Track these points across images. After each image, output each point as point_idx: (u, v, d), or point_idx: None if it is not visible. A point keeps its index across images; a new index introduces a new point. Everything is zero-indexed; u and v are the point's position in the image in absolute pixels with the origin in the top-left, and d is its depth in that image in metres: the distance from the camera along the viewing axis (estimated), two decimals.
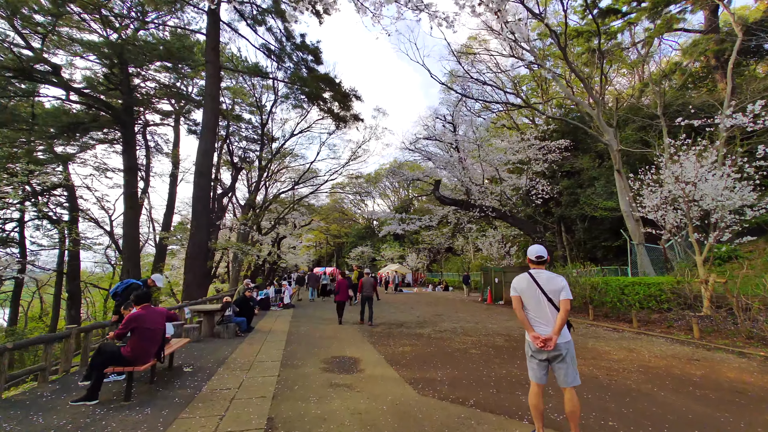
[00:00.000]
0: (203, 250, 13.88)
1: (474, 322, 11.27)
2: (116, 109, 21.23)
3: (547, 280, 3.17)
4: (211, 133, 14.15)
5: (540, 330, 3.14)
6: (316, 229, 49.19)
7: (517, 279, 3.32)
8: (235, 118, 25.94)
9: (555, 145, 16.65)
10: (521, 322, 3.25)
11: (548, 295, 3.12)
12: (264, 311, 14.49)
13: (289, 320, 11.91)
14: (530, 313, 3.21)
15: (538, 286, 3.17)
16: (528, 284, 3.22)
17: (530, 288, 3.20)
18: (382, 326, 10.70)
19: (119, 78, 21.53)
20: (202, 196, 13.69)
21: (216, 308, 8.75)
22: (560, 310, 3.09)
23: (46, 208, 26.65)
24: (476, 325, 10.78)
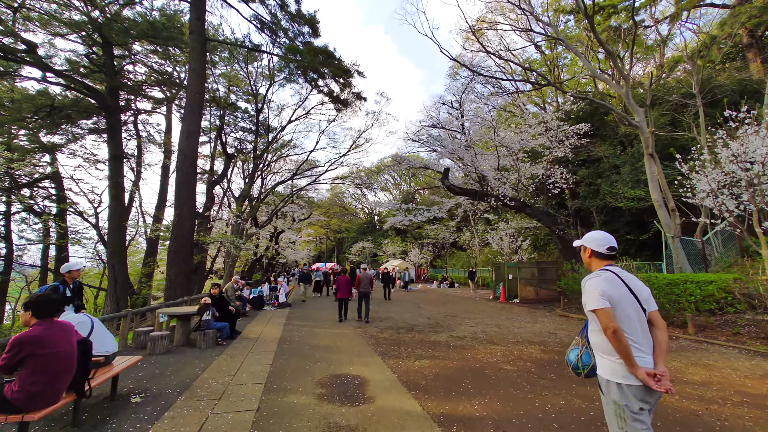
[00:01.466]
0: (188, 243, 12.31)
1: (495, 326, 9.72)
2: (99, 92, 19.56)
3: (635, 283, 2.16)
4: (196, 112, 12.53)
5: (643, 361, 2.00)
6: (315, 223, 47.63)
7: (600, 281, 2.11)
8: (230, 106, 24.29)
9: (573, 131, 15.03)
10: (622, 352, 1.98)
11: (642, 305, 2.10)
12: (257, 311, 12.95)
13: (283, 322, 10.36)
14: (629, 336, 2.02)
15: (631, 293, 2.10)
16: (622, 290, 2.10)
17: (626, 296, 2.09)
18: (389, 330, 9.16)
19: (102, 60, 19.88)
20: (185, 182, 12.10)
21: (191, 311, 7.19)
22: (657, 326, 2.11)
23: (31, 201, 25.07)
24: (499, 329, 9.23)
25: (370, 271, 12.09)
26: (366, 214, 59.51)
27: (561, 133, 14.15)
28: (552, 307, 13.78)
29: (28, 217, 26.47)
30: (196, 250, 15.17)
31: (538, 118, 13.71)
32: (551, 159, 13.51)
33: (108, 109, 19.60)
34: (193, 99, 12.51)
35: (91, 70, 20.16)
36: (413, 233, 42.89)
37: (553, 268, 15.87)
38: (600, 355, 2.12)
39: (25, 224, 27.08)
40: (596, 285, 2.07)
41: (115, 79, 20.09)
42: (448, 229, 31.21)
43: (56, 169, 25.55)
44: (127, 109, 26.30)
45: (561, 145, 13.97)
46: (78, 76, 19.65)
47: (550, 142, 13.64)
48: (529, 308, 13.68)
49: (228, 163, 18.70)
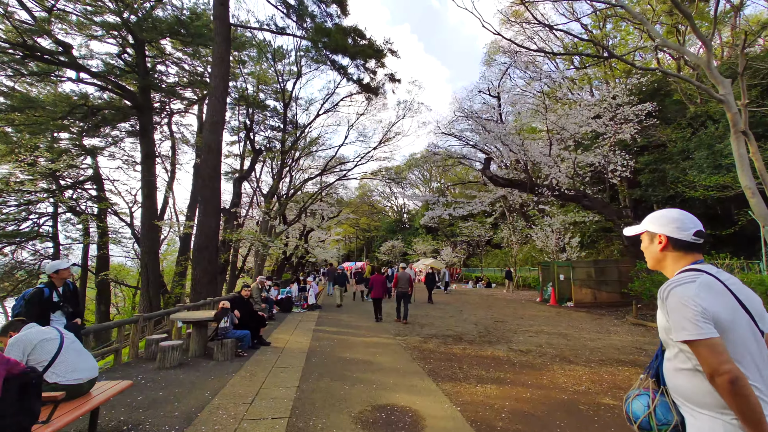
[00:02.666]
0: (213, 241, 11.50)
1: (559, 335, 8.11)
2: (131, 92, 19.45)
3: (743, 291, 1.30)
4: (220, 100, 11.71)
5: None
6: (344, 222, 46.93)
7: (696, 290, 1.24)
8: (259, 105, 23.72)
9: (635, 112, 12.95)
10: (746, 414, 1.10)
11: (758, 325, 1.25)
12: (284, 313, 11.96)
13: (312, 328, 9.23)
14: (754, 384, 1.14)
15: (742, 307, 1.25)
16: (730, 303, 1.24)
17: (738, 314, 1.24)
18: (434, 340, 7.78)
19: (135, 60, 19.83)
20: (210, 176, 11.29)
21: (206, 317, 6.15)
22: None
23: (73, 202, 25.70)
24: (567, 341, 7.62)
25: (409, 271, 11.67)
26: (395, 213, 58.23)
27: (621, 115, 12.16)
28: (617, 312, 11.87)
29: (72, 218, 27.20)
30: (223, 248, 14.50)
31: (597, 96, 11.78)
32: (614, 142, 11.55)
33: (140, 109, 19.42)
34: (217, 87, 11.68)
35: (123, 71, 20.18)
36: (445, 231, 41.14)
37: (613, 268, 13.86)
38: (696, 409, 1.26)
39: (70, 225, 27.87)
40: (689, 297, 1.23)
41: (147, 78, 19.93)
42: (484, 226, 29.28)
43: (97, 171, 26.14)
44: (161, 111, 26.53)
45: (621, 128, 12.00)
46: (112, 76, 19.65)
47: (607, 126, 11.70)
48: (589, 314, 11.84)
49: (255, 158, 18.01)
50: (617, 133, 11.40)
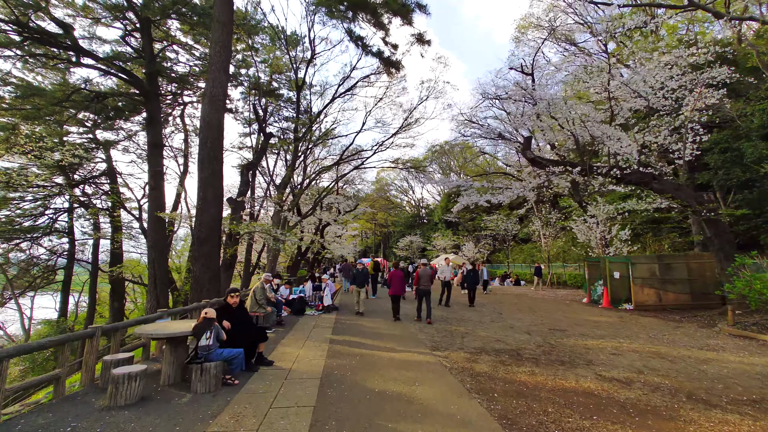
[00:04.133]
0: (214, 231, 9.88)
1: (653, 355, 6.06)
2: (138, 78, 18.11)
3: None
4: (221, 71, 10.04)
5: None
6: (362, 217, 45.28)
7: None
8: (273, 94, 22.14)
9: (710, 78, 10.51)
10: None
11: None
12: (296, 316, 10.24)
13: (328, 338, 7.44)
14: None
15: None
16: None
17: None
18: (486, 358, 5.87)
19: (141, 44, 18.51)
20: (210, 157, 9.66)
21: (182, 331, 4.42)
22: None
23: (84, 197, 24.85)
24: (670, 362, 5.58)
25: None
26: (413, 207, 56.18)
27: (700, 79, 9.79)
28: (696, 318, 9.64)
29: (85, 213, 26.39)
30: (230, 242, 12.94)
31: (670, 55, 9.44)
32: (694, 109, 9.23)
33: (147, 96, 18.05)
34: (218, 55, 10.00)
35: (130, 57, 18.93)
36: (466, 225, 38.91)
37: (682, 265, 11.56)
38: None
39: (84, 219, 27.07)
40: None
41: (154, 63, 18.54)
42: (510, 219, 26.98)
43: (110, 165, 25.19)
44: (174, 102, 25.35)
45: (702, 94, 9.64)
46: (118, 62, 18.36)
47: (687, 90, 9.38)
48: (661, 319, 9.65)
49: (266, 143, 16.39)
50: (699, 99, 9.11)
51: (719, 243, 9.27)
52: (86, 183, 25.81)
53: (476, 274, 12.47)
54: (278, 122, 25.80)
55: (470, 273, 12.15)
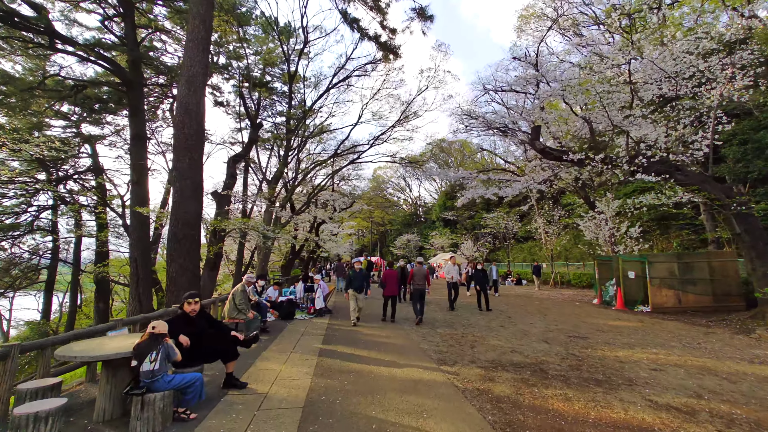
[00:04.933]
0: (193, 228, 8.82)
1: (702, 371, 5.08)
2: (119, 66, 16.91)
3: None
4: (199, 48, 8.95)
5: None
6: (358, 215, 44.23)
7: None
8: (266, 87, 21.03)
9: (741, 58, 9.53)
10: None
11: None
12: (285, 321, 9.19)
13: (317, 348, 6.42)
14: None
15: None
16: None
17: None
18: (505, 375, 4.87)
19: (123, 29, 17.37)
20: (188, 145, 8.60)
21: (120, 352, 3.38)
22: None
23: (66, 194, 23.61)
24: (729, 382, 4.60)
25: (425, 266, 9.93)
26: (410, 206, 55.21)
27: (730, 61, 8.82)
28: (724, 321, 8.71)
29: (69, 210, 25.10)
30: (214, 239, 11.86)
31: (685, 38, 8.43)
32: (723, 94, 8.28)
33: (130, 84, 16.83)
34: (196, 30, 8.91)
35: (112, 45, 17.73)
36: (465, 224, 38.02)
37: (703, 264, 10.65)
38: None
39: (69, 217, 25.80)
40: None
41: (137, 50, 17.34)
42: (510, 217, 26.07)
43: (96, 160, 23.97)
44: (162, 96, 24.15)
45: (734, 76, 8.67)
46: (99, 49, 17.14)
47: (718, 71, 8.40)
48: (686, 323, 8.72)
49: (255, 133, 15.26)
50: (730, 81, 8.16)
51: (751, 240, 8.35)
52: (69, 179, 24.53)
53: (485, 274, 11.29)
54: (272, 117, 24.75)
55: (478, 273, 11.03)
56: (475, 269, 11.12)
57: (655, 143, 8.41)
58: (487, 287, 10.74)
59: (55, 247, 24.45)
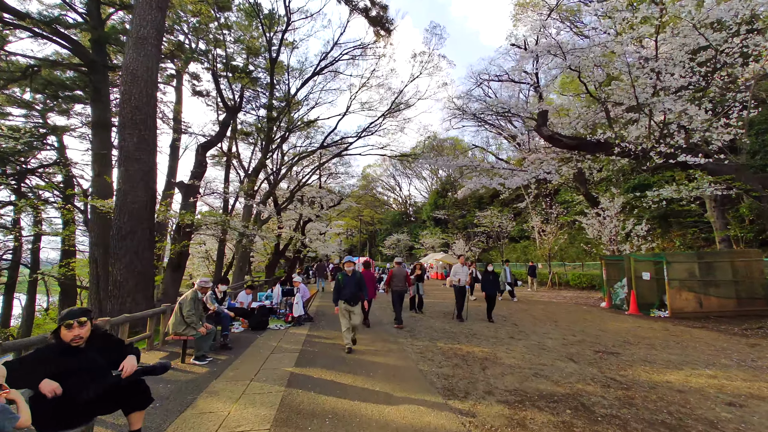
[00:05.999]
0: (144, 221, 7.27)
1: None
2: (79, 44, 15.12)
3: None
4: (152, 7, 7.38)
5: None
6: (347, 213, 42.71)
7: None
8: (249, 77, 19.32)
9: None
10: None
11: None
12: (256, 332, 7.67)
13: (287, 374, 4.96)
14: None
15: None
16: None
17: None
18: (538, 418, 3.49)
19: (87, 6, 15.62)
20: (133, 121, 7.04)
21: None
22: None
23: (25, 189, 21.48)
24: None
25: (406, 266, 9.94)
26: (400, 205, 53.91)
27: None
28: (761, 328, 7.58)
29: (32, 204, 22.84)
30: (178, 236, 10.26)
31: None
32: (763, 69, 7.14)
33: (92, 66, 15.05)
34: None
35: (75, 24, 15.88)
36: (456, 223, 36.88)
37: (726, 264, 9.56)
38: None
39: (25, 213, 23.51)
40: None
41: (101, 29, 15.56)
42: (504, 214, 24.96)
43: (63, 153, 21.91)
44: None
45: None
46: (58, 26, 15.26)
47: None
48: (718, 332, 7.56)
49: (229, 118, 13.67)
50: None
51: None
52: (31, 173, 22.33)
53: (496, 277, 9.62)
54: (255, 110, 23.10)
55: (488, 275, 9.35)
56: (486, 271, 9.47)
57: (690, 124, 7.21)
58: (498, 293, 9.16)
59: (17, 246, 22.28)
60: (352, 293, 6.10)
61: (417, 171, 51.01)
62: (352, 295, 6.10)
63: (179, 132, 21.47)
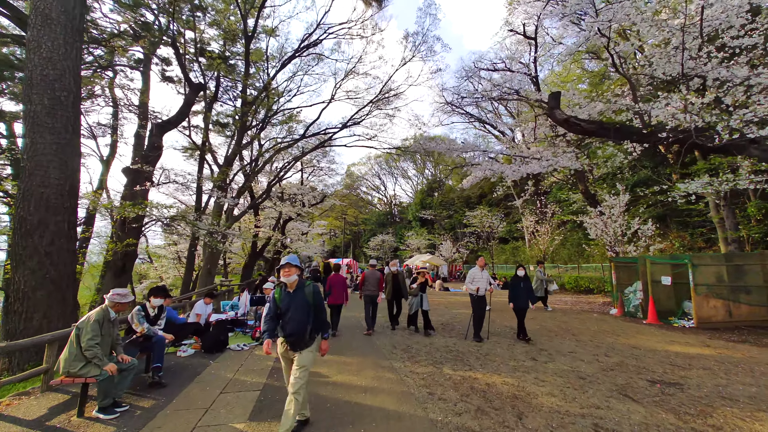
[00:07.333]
0: (57, 209, 5.45)
1: None
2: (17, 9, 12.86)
3: None
4: None
5: None
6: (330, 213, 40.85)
7: None
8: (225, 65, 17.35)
9: None
10: None
11: None
12: (210, 356, 5.92)
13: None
14: None
15: None
16: None
17: None
18: None
19: None
20: (46, 78, 5.23)
21: None
22: None
23: None
24: None
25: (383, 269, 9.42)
26: (385, 205, 52.39)
27: None
28: None
29: None
30: (121, 233, 8.35)
31: None
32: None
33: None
34: None
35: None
36: (442, 223, 35.67)
37: (756, 267, 8.45)
38: None
39: None
40: None
41: None
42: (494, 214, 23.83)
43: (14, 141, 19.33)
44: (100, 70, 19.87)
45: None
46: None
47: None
48: (762, 346, 6.36)
49: (192, 97, 11.81)
50: None
51: None
52: None
53: (529, 284, 7.14)
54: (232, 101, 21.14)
55: (518, 282, 7.07)
56: (516, 276, 7.23)
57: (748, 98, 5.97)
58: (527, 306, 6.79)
59: None
60: (298, 326, 3.19)
61: (403, 170, 49.72)
62: (297, 330, 3.19)
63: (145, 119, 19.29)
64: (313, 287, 3.36)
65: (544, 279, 11.31)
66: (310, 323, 3.23)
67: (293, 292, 3.30)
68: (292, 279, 3.29)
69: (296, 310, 3.22)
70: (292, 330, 3.20)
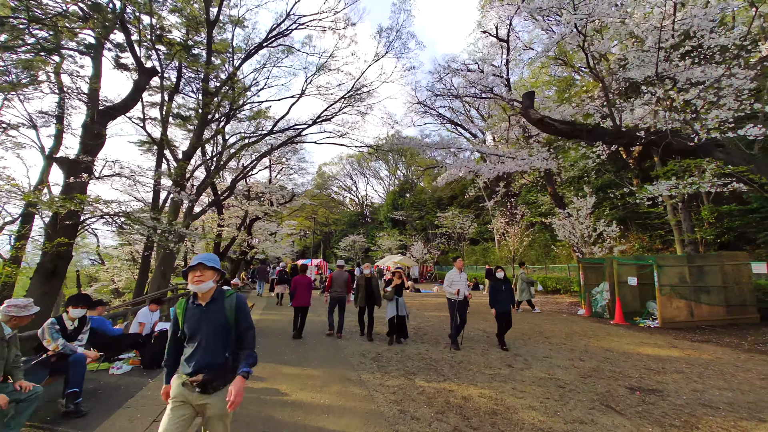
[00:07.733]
0: None
1: None
2: None
3: None
4: None
5: None
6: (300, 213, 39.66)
7: None
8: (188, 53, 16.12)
9: None
10: None
11: None
12: (152, 372, 5.13)
13: None
14: None
15: None
16: None
17: None
18: None
19: None
20: None
21: None
22: None
23: None
24: None
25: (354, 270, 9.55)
26: (356, 205, 51.73)
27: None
28: (760, 339, 6.62)
29: None
30: (54, 230, 7.24)
31: None
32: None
33: None
34: None
35: None
36: (414, 224, 35.59)
37: (715, 269, 8.73)
38: None
39: None
40: None
41: None
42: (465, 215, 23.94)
43: None
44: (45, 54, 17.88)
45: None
46: None
47: None
48: (728, 346, 6.46)
49: (143, 82, 10.73)
50: None
51: None
52: None
53: (509, 287, 6.81)
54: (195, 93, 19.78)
55: (499, 285, 6.66)
56: (495, 279, 6.69)
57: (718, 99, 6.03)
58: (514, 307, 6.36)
59: None
60: (211, 357, 2.08)
61: (375, 171, 49.34)
62: (210, 362, 2.06)
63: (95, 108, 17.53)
64: (236, 299, 2.20)
65: (527, 281, 11.37)
66: (229, 353, 2.11)
67: (205, 306, 2.14)
68: (205, 287, 2.11)
69: (209, 333, 2.10)
70: (201, 363, 2.04)
